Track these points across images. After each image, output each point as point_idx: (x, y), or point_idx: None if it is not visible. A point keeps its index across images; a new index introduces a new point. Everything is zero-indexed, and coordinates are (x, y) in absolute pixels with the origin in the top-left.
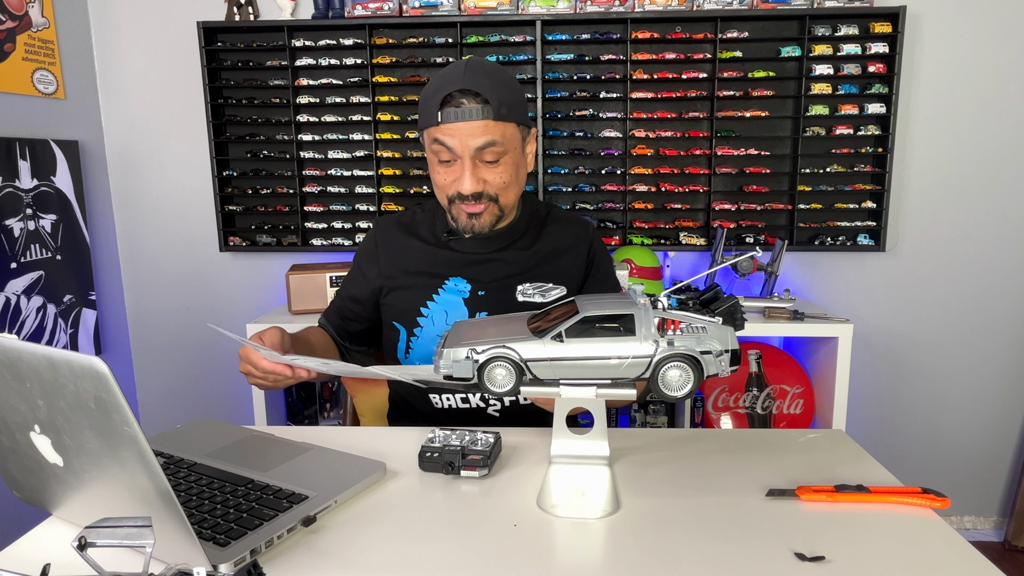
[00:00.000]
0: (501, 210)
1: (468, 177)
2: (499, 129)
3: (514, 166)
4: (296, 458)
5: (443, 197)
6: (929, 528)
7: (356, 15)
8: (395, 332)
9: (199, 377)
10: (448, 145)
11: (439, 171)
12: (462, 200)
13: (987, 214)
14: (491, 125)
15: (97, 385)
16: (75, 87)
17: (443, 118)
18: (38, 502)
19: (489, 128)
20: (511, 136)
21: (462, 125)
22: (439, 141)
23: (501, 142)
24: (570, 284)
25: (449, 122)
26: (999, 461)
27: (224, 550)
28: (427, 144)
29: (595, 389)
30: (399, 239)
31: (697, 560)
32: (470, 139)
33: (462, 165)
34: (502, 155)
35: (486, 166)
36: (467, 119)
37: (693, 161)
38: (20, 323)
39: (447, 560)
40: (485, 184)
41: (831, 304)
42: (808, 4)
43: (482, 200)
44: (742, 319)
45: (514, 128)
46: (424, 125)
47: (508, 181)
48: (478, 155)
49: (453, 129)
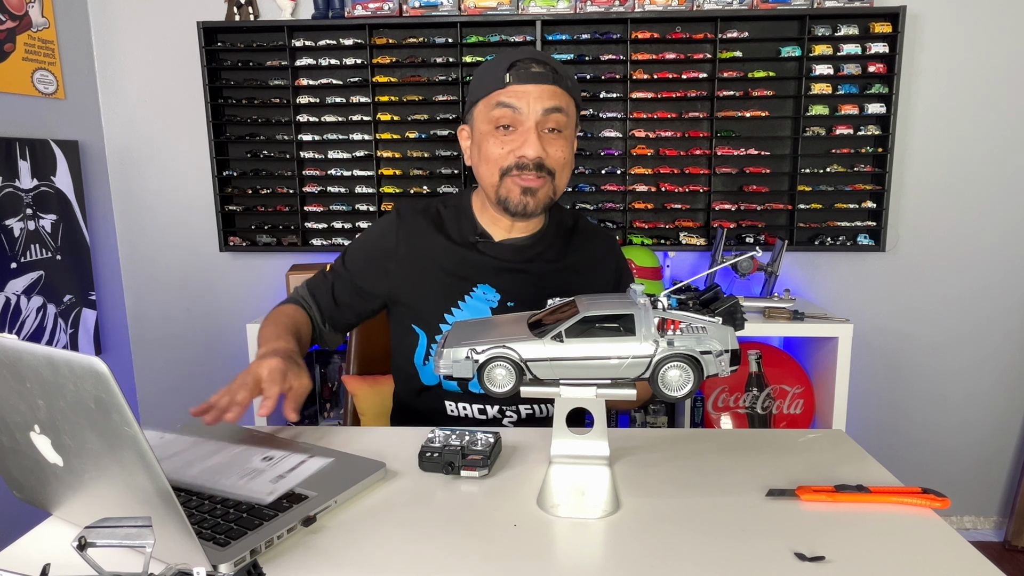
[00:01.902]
0: (555, 191)
1: (533, 139)
2: (565, 98)
3: (571, 146)
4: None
5: (495, 171)
6: (929, 528)
7: (356, 15)
8: (413, 336)
9: (199, 377)
10: (515, 106)
11: (496, 139)
12: (520, 171)
13: (987, 214)
14: (559, 92)
15: (97, 385)
16: (75, 87)
17: (512, 79)
18: (38, 502)
19: (557, 94)
20: (572, 113)
21: (532, 87)
22: (504, 104)
23: (566, 111)
24: None
25: (520, 83)
26: (999, 461)
27: (224, 550)
28: (483, 114)
29: (595, 389)
30: (425, 234)
31: (697, 560)
32: (538, 101)
33: (525, 132)
34: (564, 127)
35: (548, 136)
36: (538, 82)
37: (693, 161)
38: (20, 323)
39: (447, 560)
40: (547, 155)
41: (831, 304)
42: (808, 4)
43: (543, 173)
44: (742, 319)
45: (574, 108)
46: (484, 92)
47: (567, 158)
48: (543, 121)
49: (522, 90)
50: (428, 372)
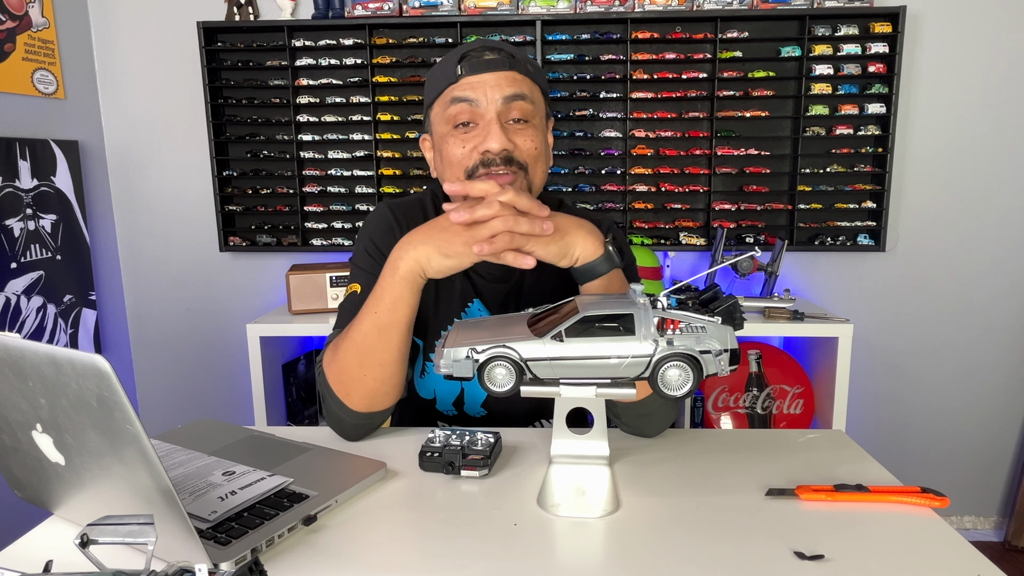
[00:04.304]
0: (530, 188)
1: (496, 131)
2: (527, 84)
3: (542, 137)
4: (296, 458)
5: (460, 175)
6: (928, 527)
7: (356, 15)
8: (415, 347)
9: (199, 377)
10: (471, 98)
11: (456, 139)
12: (487, 168)
13: (987, 214)
14: (519, 77)
15: (99, 383)
16: (75, 87)
17: (465, 71)
18: (40, 501)
19: (517, 80)
20: (538, 100)
21: (487, 75)
22: (459, 98)
23: (531, 98)
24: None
25: (473, 73)
26: (999, 461)
27: (225, 548)
28: (439, 116)
29: (595, 388)
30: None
31: (697, 559)
32: (496, 90)
33: (486, 125)
34: (531, 116)
35: (513, 127)
36: (493, 69)
37: (693, 161)
38: (20, 323)
39: (447, 559)
40: (515, 147)
41: (831, 304)
42: (808, 4)
43: (512, 166)
44: (741, 319)
45: (540, 94)
46: (437, 92)
47: (539, 149)
48: (505, 111)
49: (477, 80)
50: (423, 385)
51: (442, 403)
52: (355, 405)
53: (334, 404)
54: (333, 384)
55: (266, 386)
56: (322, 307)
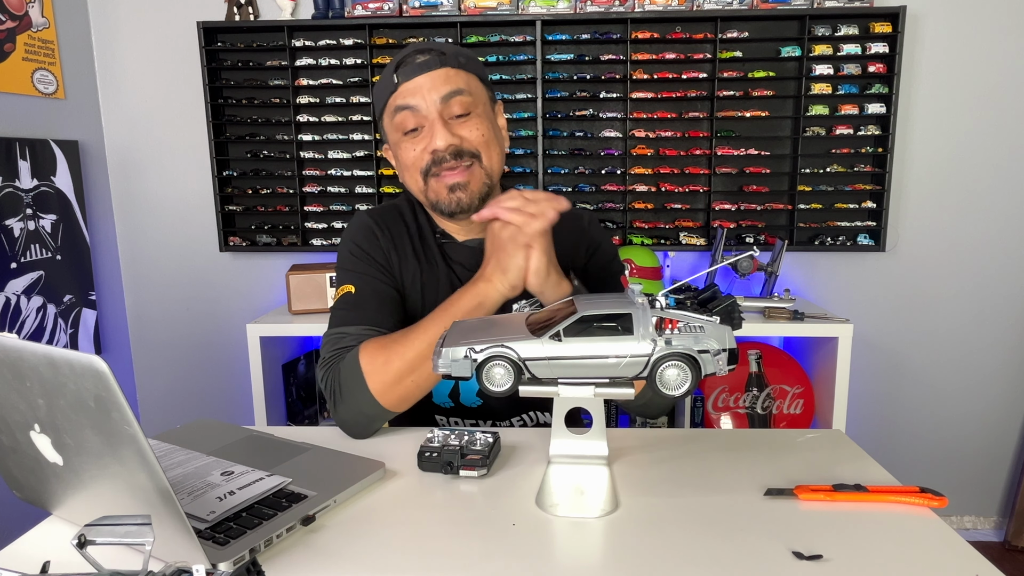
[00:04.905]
0: (489, 176)
1: (440, 130)
2: (462, 78)
3: (489, 123)
4: (296, 458)
5: (417, 178)
6: (927, 527)
7: (356, 15)
8: None
9: (199, 377)
10: (411, 105)
11: (408, 144)
12: (438, 165)
13: (987, 214)
14: (452, 73)
15: (97, 384)
16: (75, 87)
17: (401, 78)
18: (38, 501)
19: (451, 77)
20: (476, 89)
21: (422, 79)
22: (401, 107)
23: (467, 91)
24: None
25: (408, 79)
26: (999, 461)
27: (223, 549)
28: (389, 125)
29: (593, 388)
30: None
31: (695, 559)
32: (432, 91)
33: (430, 126)
34: (471, 108)
35: (457, 122)
36: (426, 70)
37: (693, 161)
38: (20, 323)
39: (446, 560)
40: (462, 140)
41: (831, 304)
42: (808, 4)
43: (464, 158)
44: (739, 318)
45: (477, 82)
46: (382, 103)
47: (487, 136)
48: (446, 109)
49: (414, 86)
50: None
51: (438, 396)
52: (387, 403)
53: (361, 399)
54: (372, 381)
55: (266, 386)
56: (322, 307)
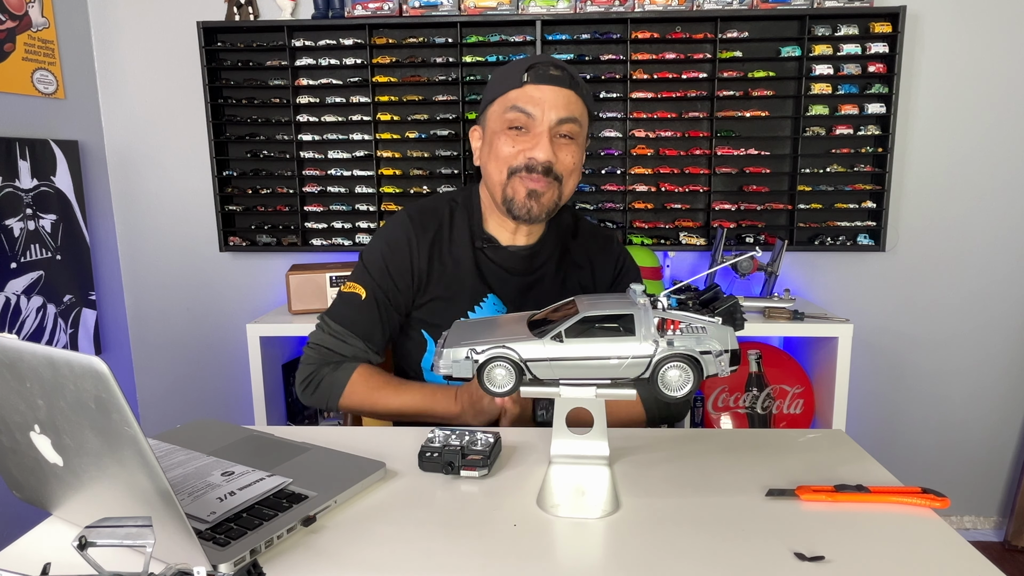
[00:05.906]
0: (560, 198)
1: (545, 143)
2: (580, 107)
3: (581, 153)
4: (296, 458)
5: (503, 169)
6: (929, 528)
7: (356, 15)
8: (420, 341)
9: (199, 377)
10: (529, 111)
11: (508, 138)
12: (529, 172)
13: (987, 214)
14: (574, 100)
15: (97, 385)
16: (75, 87)
17: (531, 78)
18: (38, 502)
19: (572, 102)
20: (584, 123)
21: (549, 90)
22: (518, 108)
23: (579, 121)
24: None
25: (538, 83)
26: (999, 461)
27: (224, 550)
28: (497, 114)
29: (595, 389)
30: (437, 240)
31: (697, 560)
32: (554, 109)
33: (537, 135)
34: (576, 136)
35: (560, 142)
36: (555, 84)
37: (693, 161)
38: (20, 323)
39: (447, 560)
40: (557, 161)
41: (831, 304)
42: (808, 4)
43: (550, 177)
44: (742, 319)
45: (587, 118)
46: (501, 91)
47: (576, 165)
48: (556, 128)
49: (540, 92)
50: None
51: None
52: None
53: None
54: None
55: (266, 386)
56: (322, 307)
